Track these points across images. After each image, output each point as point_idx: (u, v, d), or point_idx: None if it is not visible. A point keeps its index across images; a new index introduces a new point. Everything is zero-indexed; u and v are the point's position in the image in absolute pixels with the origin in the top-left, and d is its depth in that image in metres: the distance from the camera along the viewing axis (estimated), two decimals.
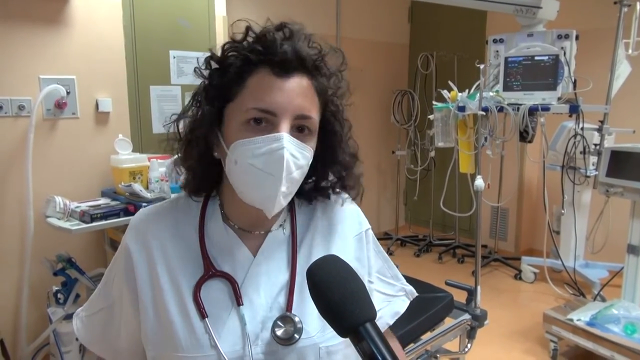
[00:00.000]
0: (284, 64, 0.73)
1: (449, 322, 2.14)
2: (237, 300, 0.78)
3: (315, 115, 0.77)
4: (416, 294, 1.01)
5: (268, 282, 0.80)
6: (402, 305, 0.97)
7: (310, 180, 0.86)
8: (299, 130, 0.75)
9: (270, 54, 0.73)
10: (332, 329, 0.78)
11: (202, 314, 0.76)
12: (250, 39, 0.76)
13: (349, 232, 0.90)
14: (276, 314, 0.78)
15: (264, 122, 0.73)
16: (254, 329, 0.77)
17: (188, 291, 0.78)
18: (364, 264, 0.90)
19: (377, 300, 0.92)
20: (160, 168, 2.52)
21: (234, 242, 0.82)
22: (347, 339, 0.81)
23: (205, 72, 0.80)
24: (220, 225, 0.83)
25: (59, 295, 2.29)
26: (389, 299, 0.94)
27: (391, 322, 0.95)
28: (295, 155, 0.73)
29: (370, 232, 0.94)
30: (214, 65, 0.79)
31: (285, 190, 0.74)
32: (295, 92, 0.74)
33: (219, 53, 0.79)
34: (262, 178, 0.73)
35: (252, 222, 0.83)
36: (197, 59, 0.81)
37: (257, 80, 0.74)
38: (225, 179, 0.81)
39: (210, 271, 0.79)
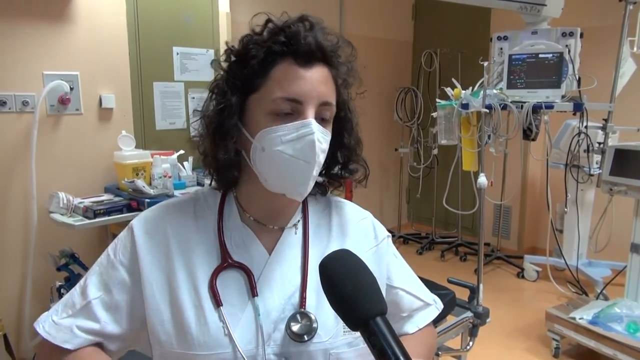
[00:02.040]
0: (307, 54, 0.75)
1: (451, 319, 2.14)
2: (253, 291, 0.78)
3: (334, 102, 0.80)
4: (442, 306, 1.01)
5: (282, 284, 0.81)
6: (432, 313, 0.97)
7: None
8: (322, 117, 0.78)
9: (294, 44, 0.75)
10: (343, 336, 0.79)
11: (218, 302, 0.76)
12: (269, 31, 0.77)
13: (364, 246, 0.89)
14: (289, 315, 0.79)
15: (291, 110, 0.75)
16: (266, 329, 0.77)
17: (204, 281, 0.78)
18: (382, 273, 0.90)
19: (411, 303, 0.94)
20: (163, 164, 2.52)
21: (250, 239, 0.83)
22: (358, 349, 0.81)
23: (224, 65, 0.81)
24: (237, 221, 0.84)
25: (62, 291, 2.31)
26: (422, 304, 0.96)
27: (422, 326, 0.95)
28: (321, 140, 0.76)
29: (389, 242, 0.94)
30: (232, 58, 0.80)
31: (315, 174, 0.77)
32: (318, 80, 0.76)
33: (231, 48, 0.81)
34: (294, 164, 0.75)
35: (270, 214, 0.84)
36: (215, 51, 0.83)
37: (281, 70, 0.75)
38: (243, 170, 0.82)
39: (227, 261, 0.79)
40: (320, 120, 0.77)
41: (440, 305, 1.00)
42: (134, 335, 0.83)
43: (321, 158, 0.77)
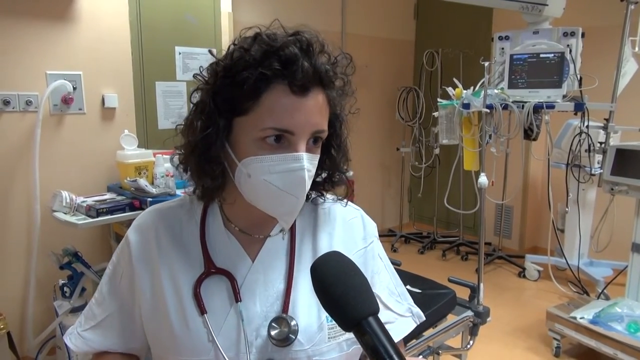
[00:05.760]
0: (303, 83, 0.70)
1: (451, 318, 2.15)
2: (235, 296, 0.78)
3: (326, 127, 0.76)
4: (424, 318, 0.96)
5: (264, 290, 0.80)
6: (407, 327, 0.92)
7: None
8: (313, 141, 0.75)
9: (289, 71, 0.70)
10: (328, 343, 0.79)
11: (202, 310, 0.77)
12: (261, 47, 0.71)
13: (352, 248, 0.87)
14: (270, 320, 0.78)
15: (282, 139, 0.72)
16: (248, 336, 0.77)
17: (188, 289, 0.78)
18: (367, 276, 0.88)
19: (382, 316, 0.90)
20: (165, 164, 2.54)
21: (234, 247, 0.82)
22: (343, 354, 0.80)
23: (208, 76, 0.76)
24: (221, 229, 0.83)
25: (65, 289, 2.32)
26: (395, 317, 0.90)
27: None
28: (310, 170, 0.73)
29: (376, 244, 0.92)
30: (219, 70, 0.74)
31: (301, 205, 0.76)
32: (313, 110, 0.72)
33: (219, 55, 0.76)
34: (281, 196, 0.73)
35: (254, 224, 0.83)
36: (200, 67, 0.77)
37: (274, 98, 0.70)
38: (228, 180, 0.79)
39: (210, 269, 0.79)
40: (312, 142, 0.74)
41: (418, 318, 0.95)
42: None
43: (308, 186, 0.74)
